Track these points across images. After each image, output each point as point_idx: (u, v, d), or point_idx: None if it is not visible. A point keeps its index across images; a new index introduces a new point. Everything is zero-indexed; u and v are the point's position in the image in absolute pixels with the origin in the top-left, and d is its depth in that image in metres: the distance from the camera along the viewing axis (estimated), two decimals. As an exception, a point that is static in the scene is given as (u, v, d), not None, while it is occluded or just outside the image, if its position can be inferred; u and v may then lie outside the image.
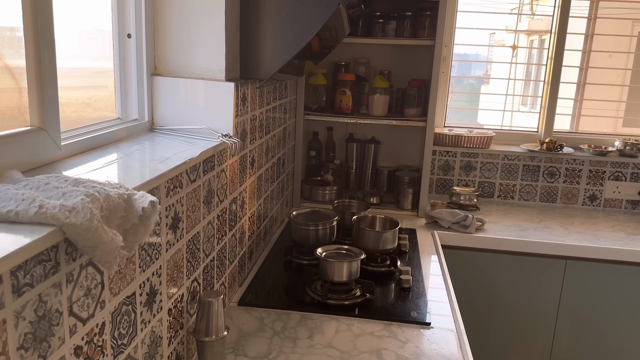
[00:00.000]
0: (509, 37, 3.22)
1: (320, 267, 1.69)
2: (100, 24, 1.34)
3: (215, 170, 1.41)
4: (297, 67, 1.89)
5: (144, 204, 0.81)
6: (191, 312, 1.32)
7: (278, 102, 2.11)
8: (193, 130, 1.41)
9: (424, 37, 2.49)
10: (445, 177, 2.93)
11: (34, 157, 0.96)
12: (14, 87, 0.95)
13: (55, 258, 0.74)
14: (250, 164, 1.75)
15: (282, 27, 1.51)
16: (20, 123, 0.96)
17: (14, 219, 0.69)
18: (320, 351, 1.39)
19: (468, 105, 3.66)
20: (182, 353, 1.28)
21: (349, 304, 1.64)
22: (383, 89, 2.51)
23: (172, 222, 1.15)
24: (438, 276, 1.93)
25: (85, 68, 1.34)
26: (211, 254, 1.43)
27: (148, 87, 1.42)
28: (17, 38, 0.93)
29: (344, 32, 1.97)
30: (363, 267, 1.80)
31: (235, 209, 1.62)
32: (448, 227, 2.43)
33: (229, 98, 1.42)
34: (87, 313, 0.84)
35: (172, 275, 1.17)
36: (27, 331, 0.70)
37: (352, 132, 2.87)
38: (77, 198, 0.72)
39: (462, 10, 2.88)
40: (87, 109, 1.32)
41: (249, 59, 1.56)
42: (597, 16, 2.95)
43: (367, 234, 1.96)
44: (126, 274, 0.96)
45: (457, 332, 1.54)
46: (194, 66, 1.45)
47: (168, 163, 1.08)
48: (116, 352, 0.95)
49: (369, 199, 2.63)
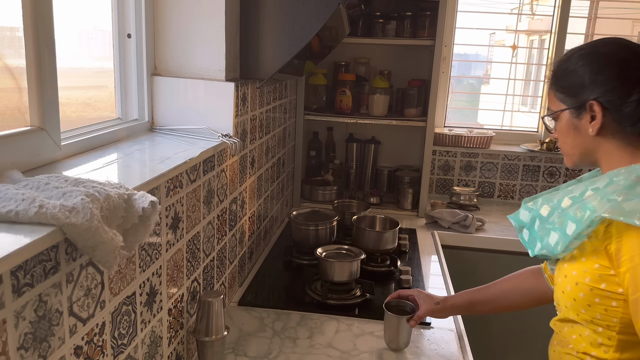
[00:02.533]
0: (509, 37, 3.22)
1: (320, 267, 1.69)
2: (100, 24, 1.34)
3: (215, 170, 1.41)
4: (297, 67, 1.89)
5: (144, 204, 0.81)
6: (191, 312, 1.32)
7: (278, 102, 2.11)
8: (193, 130, 1.41)
9: (424, 37, 2.49)
10: (445, 177, 2.93)
11: (34, 157, 0.96)
12: (14, 87, 0.95)
13: (55, 258, 0.74)
14: (250, 164, 1.75)
15: (282, 27, 1.51)
16: (20, 123, 0.96)
17: (14, 219, 0.69)
18: (320, 351, 1.39)
19: (468, 105, 3.66)
20: (182, 353, 1.28)
21: (349, 304, 1.64)
22: (383, 89, 2.51)
23: (172, 222, 1.15)
24: (438, 276, 1.94)
25: (85, 68, 1.34)
26: (211, 254, 1.43)
27: (148, 87, 1.42)
28: (17, 38, 0.93)
29: (344, 32, 1.97)
30: (363, 267, 1.80)
31: (235, 209, 1.62)
32: (448, 227, 2.43)
33: (229, 98, 1.42)
34: (87, 313, 0.84)
35: (172, 275, 1.17)
36: (27, 331, 0.70)
37: (352, 132, 2.87)
38: (77, 198, 0.72)
39: (462, 10, 2.88)
40: (87, 109, 1.32)
41: (249, 59, 1.56)
42: (597, 16, 2.95)
43: (367, 234, 1.96)
44: (126, 274, 0.96)
45: (457, 332, 1.54)
46: (194, 66, 1.45)
47: (168, 163, 1.08)
48: (116, 352, 0.95)
49: (369, 199, 2.63)
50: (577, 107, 1.05)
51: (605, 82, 1.01)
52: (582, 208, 0.99)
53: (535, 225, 1.14)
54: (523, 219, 1.18)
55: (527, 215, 1.17)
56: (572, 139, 1.08)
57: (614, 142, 1.03)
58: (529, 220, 1.16)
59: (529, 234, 1.17)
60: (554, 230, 1.05)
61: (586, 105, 1.03)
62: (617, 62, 1.01)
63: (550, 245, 1.06)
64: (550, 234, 1.06)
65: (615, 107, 1.00)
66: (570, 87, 1.06)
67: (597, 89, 1.01)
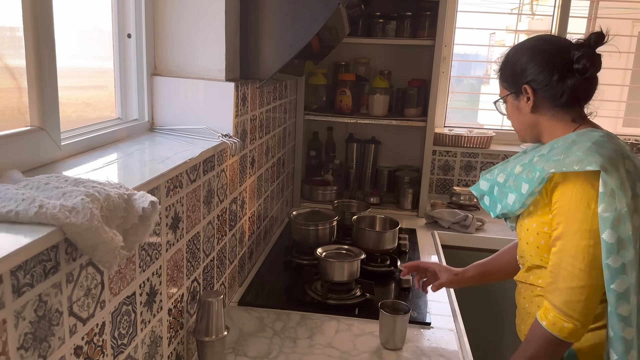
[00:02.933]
0: (509, 37, 3.22)
1: (320, 267, 1.69)
2: (100, 24, 1.34)
3: (215, 170, 1.41)
4: (297, 67, 1.89)
5: (144, 204, 0.81)
6: (191, 312, 1.32)
7: (278, 102, 2.11)
8: (193, 130, 1.41)
9: (424, 37, 2.49)
10: (445, 177, 2.93)
11: (34, 157, 0.96)
12: (14, 87, 0.95)
13: (55, 258, 0.74)
14: (250, 164, 1.75)
15: (282, 27, 1.51)
16: (20, 123, 0.96)
17: (14, 219, 0.69)
18: (320, 351, 1.39)
19: (468, 105, 3.66)
20: (182, 353, 1.28)
21: (349, 304, 1.64)
22: (383, 89, 2.51)
23: (172, 222, 1.15)
24: (438, 276, 1.93)
25: (85, 68, 1.34)
26: (211, 254, 1.43)
27: (148, 87, 1.42)
28: (17, 38, 0.93)
29: (344, 32, 1.97)
30: (363, 267, 1.80)
31: (235, 209, 1.62)
32: (448, 227, 2.43)
33: (229, 98, 1.42)
34: (87, 313, 0.84)
35: (172, 275, 1.17)
36: (27, 331, 0.70)
37: (352, 132, 2.87)
38: (77, 198, 0.72)
39: (462, 10, 2.88)
40: (87, 109, 1.32)
41: (249, 59, 1.56)
42: (597, 16, 2.95)
43: (367, 234, 1.96)
44: (126, 274, 0.96)
45: (457, 332, 1.54)
46: (194, 66, 1.45)
47: (168, 163, 1.08)
48: (116, 352, 0.95)
49: (369, 199, 2.63)
50: (515, 91, 1.30)
51: (533, 70, 1.25)
52: (532, 170, 1.22)
53: (494, 191, 1.36)
54: (483, 188, 1.41)
55: (486, 185, 1.39)
56: (517, 117, 1.33)
57: (549, 117, 1.27)
58: (488, 188, 1.39)
59: (489, 199, 1.39)
60: (510, 192, 1.28)
61: (521, 89, 1.27)
62: (541, 53, 1.25)
63: (509, 204, 1.28)
64: (508, 195, 1.29)
65: (543, 88, 1.24)
66: (510, 76, 1.31)
67: (528, 75, 1.26)
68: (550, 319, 1.14)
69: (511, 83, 1.30)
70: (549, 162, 1.18)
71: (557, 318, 1.14)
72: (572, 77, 1.21)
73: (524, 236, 1.29)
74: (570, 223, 1.14)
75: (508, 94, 1.32)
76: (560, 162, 1.15)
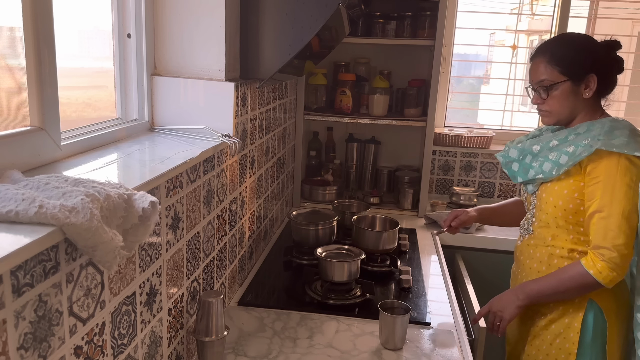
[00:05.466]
0: (509, 37, 3.22)
1: (320, 267, 1.69)
2: (100, 24, 1.34)
3: (215, 170, 1.41)
4: (297, 67, 1.89)
5: (144, 204, 0.81)
6: (191, 312, 1.32)
7: (278, 102, 2.11)
8: (193, 130, 1.41)
9: (424, 37, 2.49)
10: (445, 177, 2.93)
11: (34, 157, 0.96)
12: (14, 87, 0.95)
13: (55, 258, 0.74)
14: (250, 164, 1.75)
15: (282, 27, 1.51)
16: (20, 123, 0.96)
17: (14, 219, 0.69)
18: (320, 351, 1.39)
19: (468, 105, 3.66)
20: (182, 353, 1.28)
21: (349, 304, 1.64)
22: (383, 89, 2.51)
23: (172, 222, 1.15)
24: (438, 276, 1.93)
25: (85, 68, 1.34)
26: (211, 254, 1.44)
27: (148, 87, 1.42)
28: (17, 38, 0.93)
29: (344, 32, 1.97)
30: (363, 267, 1.80)
31: (235, 209, 1.62)
32: (448, 227, 2.43)
33: (229, 98, 1.42)
34: (87, 313, 0.84)
35: (172, 275, 1.17)
36: (27, 331, 0.70)
37: (352, 132, 2.87)
38: (77, 198, 0.72)
39: (462, 10, 2.88)
40: (87, 109, 1.32)
41: (249, 59, 1.56)
42: (597, 16, 2.95)
43: (367, 234, 1.96)
44: (126, 274, 0.96)
45: (457, 332, 1.54)
46: (194, 66, 1.45)
47: (168, 163, 1.08)
48: (116, 352, 0.95)
49: (369, 199, 2.63)
50: (576, 79, 1.47)
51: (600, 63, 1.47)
52: (574, 144, 1.44)
53: (526, 159, 1.57)
54: (512, 155, 1.62)
55: (516, 153, 1.61)
56: (565, 101, 1.49)
57: (591, 104, 1.50)
58: (518, 156, 1.60)
59: (518, 166, 1.60)
60: (546, 161, 1.50)
61: (586, 77, 1.46)
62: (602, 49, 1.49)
63: (545, 171, 1.50)
64: (544, 164, 1.50)
65: (603, 80, 1.47)
66: (574, 65, 1.47)
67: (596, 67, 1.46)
68: (598, 268, 1.38)
69: (573, 71, 1.46)
70: (593, 139, 1.40)
71: (605, 267, 1.37)
72: (618, 72, 1.51)
73: (552, 200, 1.50)
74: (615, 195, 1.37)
75: (565, 80, 1.47)
76: (607, 142, 1.38)
